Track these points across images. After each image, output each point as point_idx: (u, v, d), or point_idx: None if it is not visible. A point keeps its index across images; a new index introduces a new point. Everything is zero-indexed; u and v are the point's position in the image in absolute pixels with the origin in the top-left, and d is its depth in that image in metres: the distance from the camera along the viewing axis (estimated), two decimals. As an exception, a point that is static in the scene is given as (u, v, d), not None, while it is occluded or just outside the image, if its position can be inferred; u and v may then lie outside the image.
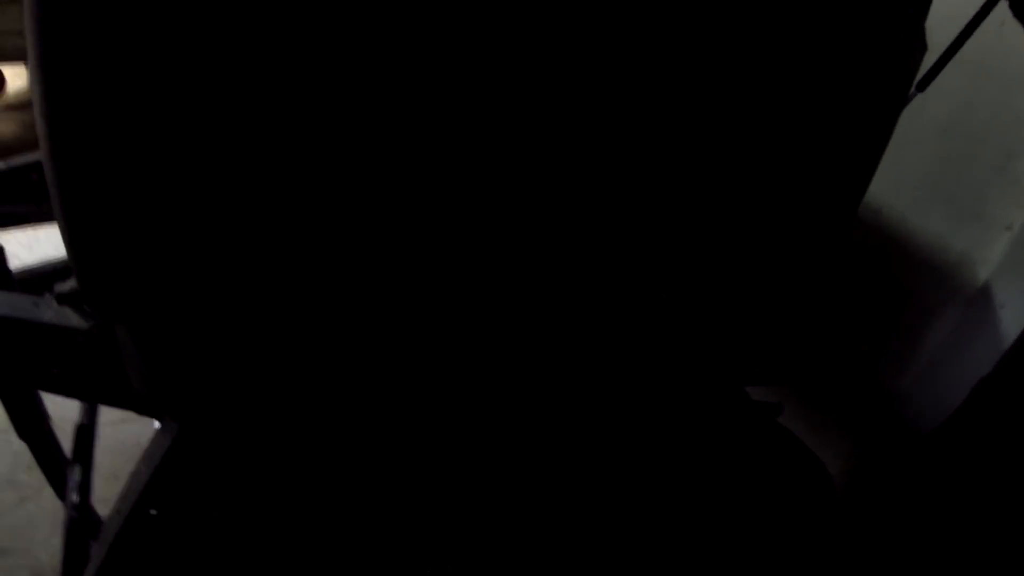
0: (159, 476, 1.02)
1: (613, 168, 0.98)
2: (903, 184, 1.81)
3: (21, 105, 4.92)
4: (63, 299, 1.15)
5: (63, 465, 1.67)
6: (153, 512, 1.02)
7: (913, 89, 1.42)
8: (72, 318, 1.16)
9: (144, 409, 1.12)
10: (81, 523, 1.40)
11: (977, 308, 1.64)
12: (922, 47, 1.32)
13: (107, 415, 2.01)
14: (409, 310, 0.99)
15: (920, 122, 1.72)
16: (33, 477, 2.06)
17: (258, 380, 0.99)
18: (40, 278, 1.52)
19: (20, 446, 1.82)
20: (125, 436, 2.00)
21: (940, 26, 1.28)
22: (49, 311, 1.17)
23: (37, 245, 2.32)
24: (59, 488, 1.68)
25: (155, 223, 0.86)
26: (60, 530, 1.89)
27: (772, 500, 1.52)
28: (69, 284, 1.12)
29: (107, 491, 1.80)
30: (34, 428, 1.58)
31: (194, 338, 0.95)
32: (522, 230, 0.97)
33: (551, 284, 1.04)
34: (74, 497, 1.42)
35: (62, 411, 1.64)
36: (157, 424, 1.88)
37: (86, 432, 1.54)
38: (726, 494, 1.46)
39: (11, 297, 1.23)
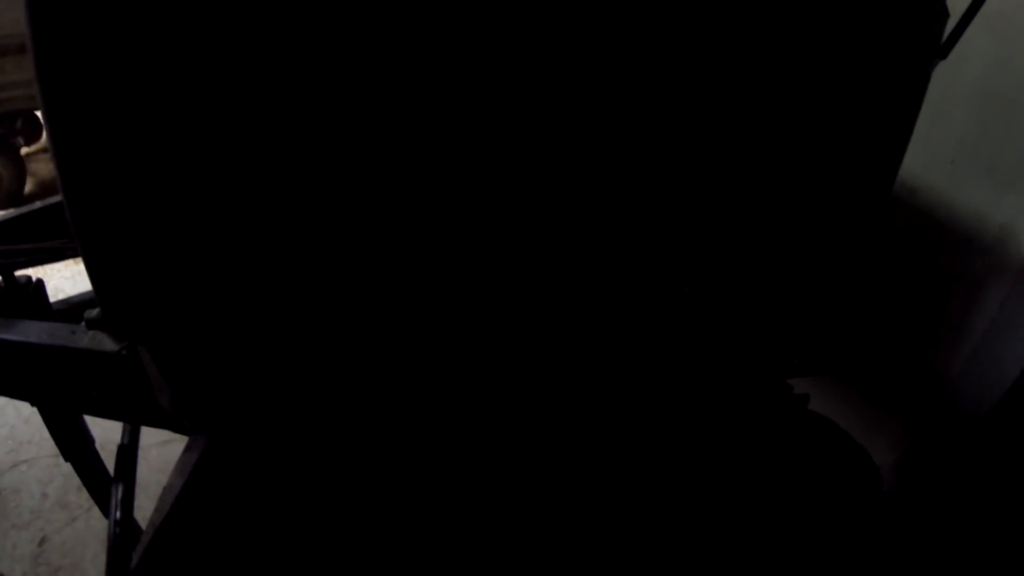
0: (190, 487, 1.04)
1: (643, 152, 0.97)
2: (938, 158, 1.74)
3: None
4: (92, 324, 1.19)
5: (107, 484, 1.72)
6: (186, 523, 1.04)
7: (936, 56, 1.37)
8: (106, 343, 1.21)
9: (174, 426, 1.15)
10: (124, 538, 1.43)
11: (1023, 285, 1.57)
12: (943, 13, 1.27)
13: (153, 436, 2.06)
14: (425, 310, 0.99)
15: (951, 91, 1.66)
16: (82, 498, 2.13)
17: (276, 390, 1.00)
18: (78, 308, 1.57)
19: (70, 468, 1.89)
20: (172, 455, 2.04)
21: None
22: (85, 337, 1.22)
23: (81, 278, 2.38)
24: (105, 507, 1.73)
25: (167, 246, 0.88)
26: (108, 546, 1.95)
27: (816, 493, 1.47)
28: (98, 310, 1.16)
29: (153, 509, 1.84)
30: (79, 450, 1.64)
31: (213, 354, 0.97)
32: (546, 223, 0.97)
33: (574, 279, 1.04)
34: (117, 514, 1.45)
35: (109, 434, 1.69)
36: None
37: (127, 452, 1.58)
38: (770, 487, 1.42)
39: (49, 326, 1.29)
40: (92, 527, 2.09)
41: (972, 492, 1.60)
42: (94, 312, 1.22)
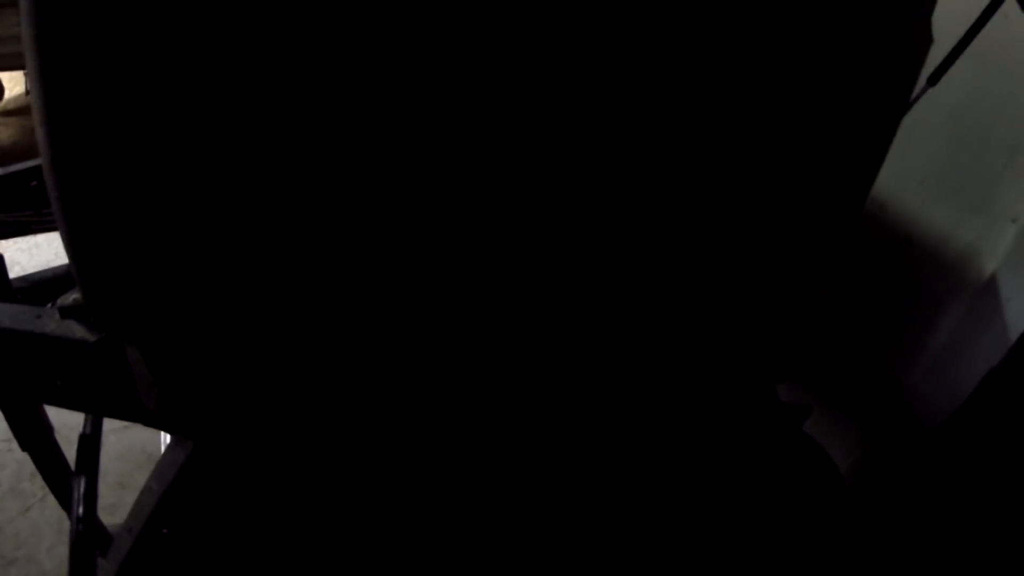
0: (171, 494, 1.01)
1: (618, 165, 0.97)
2: (909, 176, 1.80)
3: (18, 111, 4.87)
4: (67, 312, 1.13)
5: (67, 475, 1.66)
6: (165, 531, 1.01)
7: (924, 83, 1.41)
8: (76, 330, 1.15)
9: (152, 422, 1.11)
10: (87, 535, 1.38)
11: (984, 301, 1.64)
12: (928, 39, 1.31)
13: (111, 422, 1.99)
14: (420, 315, 0.98)
15: (927, 113, 1.70)
16: (36, 485, 2.06)
17: (271, 393, 0.98)
18: (40, 286, 1.49)
19: (23, 455, 1.81)
20: (130, 443, 1.99)
21: (946, 17, 1.27)
22: (51, 323, 1.16)
23: (37, 250, 2.30)
24: (63, 498, 1.67)
25: (160, 234, 0.84)
26: (64, 538, 1.88)
27: (780, 495, 1.52)
28: (72, 297, 1.10)
29: (113, 498, 1.80)
30: (37, 439, 1.57)
31: (207, 354, 0.94)
32: (525, 230, 0.96)
33: (559, 285, 1.03)
34: (79, 510, 1.40)
35: (64, 418, 1.62)
36: (165, 434, 1.87)
37: (90, 442, 1.52)
38: (733, 489, 1.46)
39: (13, 309, 1.22)
40: (47, 517, 2.02)
41: (925, 497, 1.68)
42: (69, 299, 1.16)
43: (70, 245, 0.88)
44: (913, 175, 1.80)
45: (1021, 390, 1.53)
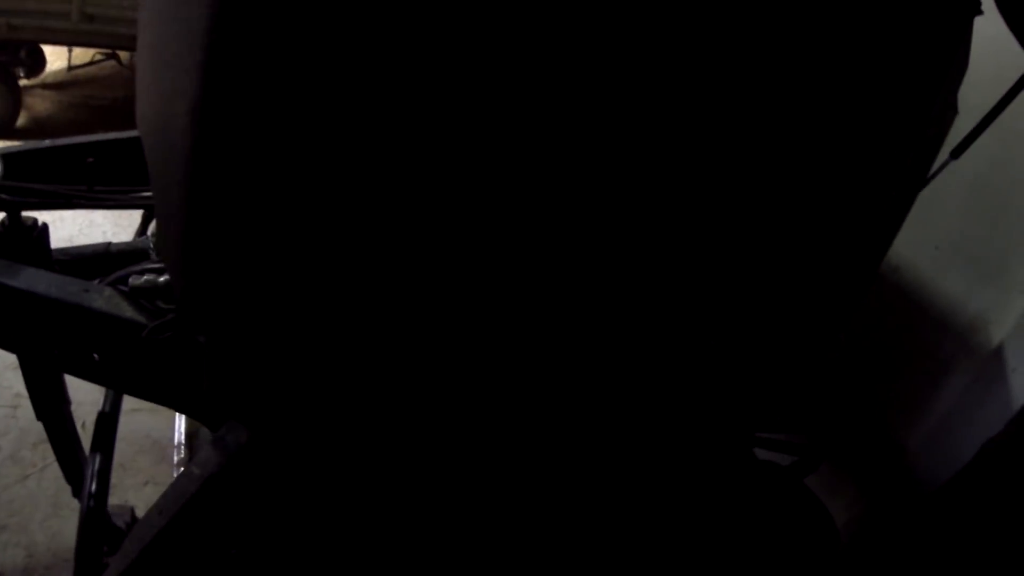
0: (217, 479, 1.02)
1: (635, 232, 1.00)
2: (925, 241, 1.84)
3: (57, 85, 4.97)
4: (136, 292, 1.17)
5: (76, 450, 1.68)
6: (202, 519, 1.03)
7: (948, 156, 1.46)
8: (125, 309, 1.18)
9: (191, 408, 1.14)
10: (97, 512, 1.40)
11: (989, 369, 1.67)
12: (953, 111, 1.36)
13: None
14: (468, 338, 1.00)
15: (946, 182, 1.75)
16: (38, 455, 2.07)
17: (319, 393, 1.00)
18: (79, 261, 1.50)
19: (26, 422, 1.82)
20: (136, 426, 2.01)
21: (972, 89, 1.31)
22: (99, 299, 1.19)
23: (61, 223, 2.30)
24: (70, 473, 1.68)
25: (267, 237, 0.87)
26: (60, 511, 1.89)
27: (777, 544, 1.53)
28: (145, 278, 1.13)
29: (113, 479, 1.80)
30: (53, 410, 1.59)
31: (274, 348, 0.96)
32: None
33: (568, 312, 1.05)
34: (92, 486, 1.42)
35: (77, 396, 1.64)
36: (180, 419, 1.88)
37: (108, 421, 1.54)
38: (730, 536, 1.48)
39: (60, 279, 1.24)
40: (44, 488, 2.03)
41: (918, 559, 1.70)
42: (141, 280, 1.19)
43: (183, 233, 0.91)
44: (929, 241, 1.84)
45: (1020, 461, 1.56)
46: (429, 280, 0.92)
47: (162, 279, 1.17)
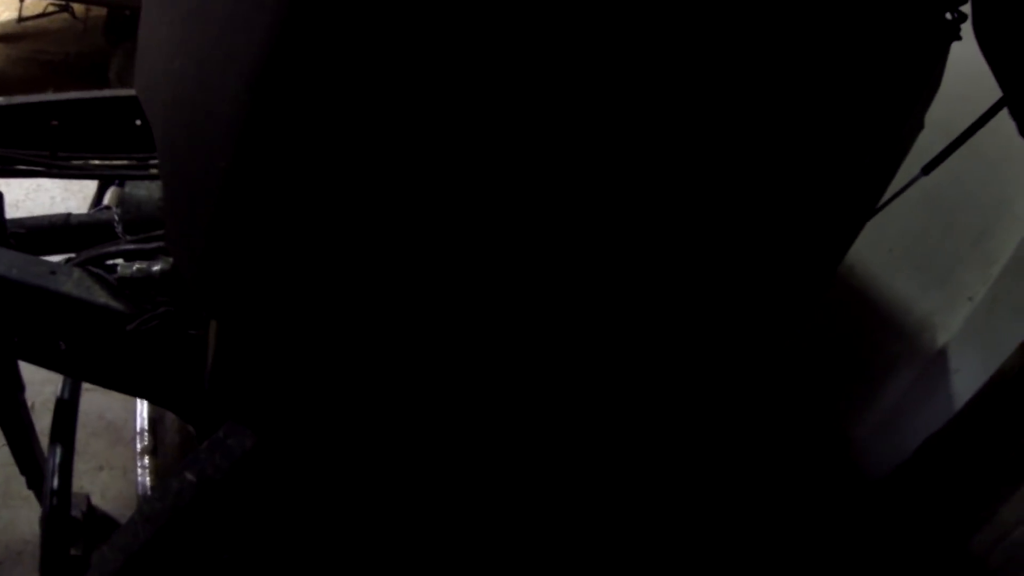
0: (217, 486, 0.99)
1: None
2: (880, 245, 1.93)
3: (4, 38, 4.59)
4: (125, 282, 1.10)
5: (31, 439, 1.60)
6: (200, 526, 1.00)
7: (919, 172, 1.52)
8: (99, 295, 1.10)
9: (187, 411, 1.10)
10: (61, 509, 1.34)
11: (934, 369, 1.78)
12: (920, 126, 1.41)
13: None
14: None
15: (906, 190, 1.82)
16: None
17: (328, 399, 0.98)
18: (37, 234, 1.40)
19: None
20: (89, 407, 1.91)
21: (939, 104, 1.36)
22: (68, 282, 1.11)
23: (36, 194, 2.16)
24: (23, 463, 1.61)
25: (291, 232, 0.83)
26: (9, 501, 1.80)
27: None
28: (136, 267, 1.07)
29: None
30: (6, 398, 1.50)
31: (306, 351, 0.93)
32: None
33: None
34: (54, 481, 1.35)
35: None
36: (142, 404, 1.81)
37: (67, 409, 1.46)
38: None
39: (22, 259, 1.15)
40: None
41: (863, 547, 1.81)
42: (131, 268, 1.11)
43: (215, 217, 0.85)
44: (884, 244, 1.93)
45: (959, 457, 1.67)
46: (448, 276, 0.90)
47: (156, 268, 1.11)
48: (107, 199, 1.59)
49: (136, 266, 1.08)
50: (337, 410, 0.99)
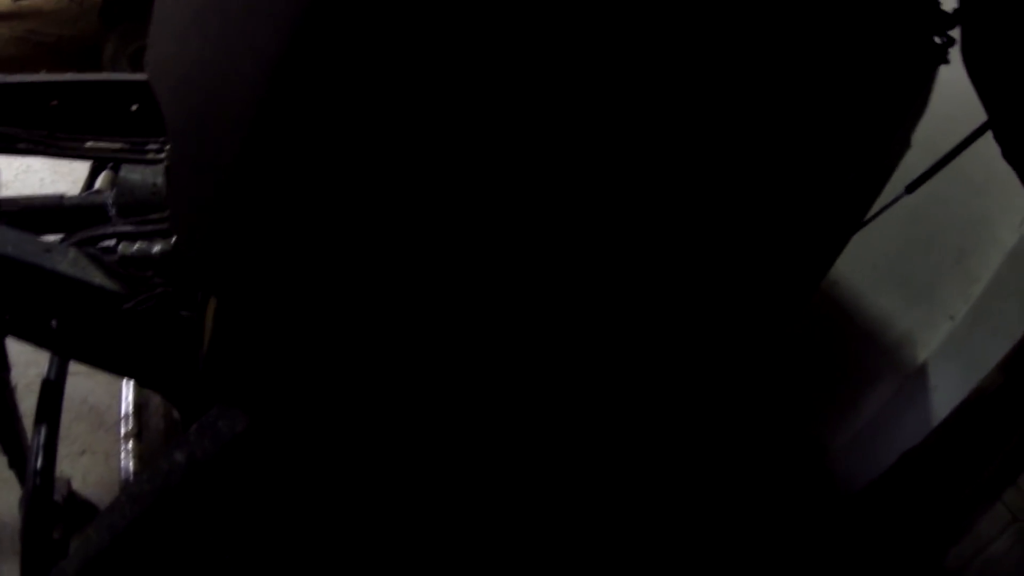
0: (208, 467, 0.99)
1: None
2: (863, 261, 1.96)
3: (3, 16, 4.55)
4: (125, 262, 1.11)
5: (14, 419, 1.60)
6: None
7: (903, 190, 1.55)
8: (94, 275, 1.11)
9: (176, 392, 1.09)
10: (44, 490, 1.34)
11: (912, 385, 1.81)
12: (906, 146, 1.45)
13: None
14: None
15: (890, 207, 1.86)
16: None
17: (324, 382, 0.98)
18: (29, 213, 1.40)
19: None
20: (72, 390, 1.89)
21: (925, 124, 1.40)
22: (64, 261, 1.11)
23: (26, 175, 2.14)
24: (8, 445, 1.60)
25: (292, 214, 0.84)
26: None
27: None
28: (136, 246, 1.08)
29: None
30: (-8, 377, 1.51)
31: (280, 328, 0.93)
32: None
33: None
34: (38, 462, 1.35)
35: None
36: (127, 388, 1.81)
37: (53, 389, 1.46)
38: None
39: (17, 236, 1.15)
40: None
41: (837, 557, 1.84)
42: (132, 248, 1.12)
43: (223, 196, 0.85)
44: (867, 260, 1.96)
45: (937, 470, 1.71)
46: (451, 268, 0.91)
47: (156, 249, 1.12)
48: (99, 183, 1.60)
49: (137, 246, 1.09)
50: (333, 393, 0.99)
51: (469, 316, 0.96)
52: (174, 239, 1.10)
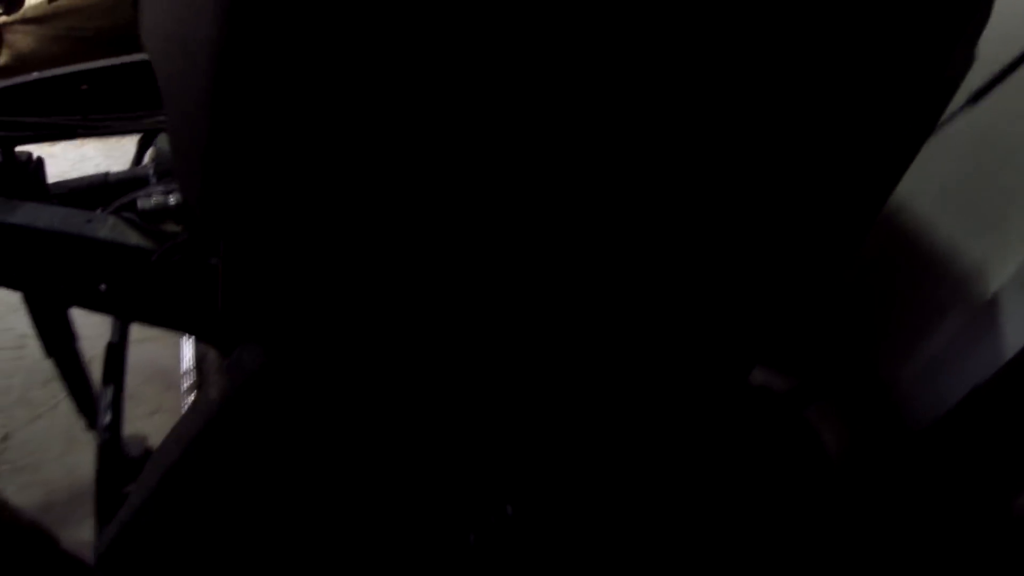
0: (236, 402, 1.03)
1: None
2: (929, 185, 1.85)
3: (37, 19, 4.76)
4: (145, 216, 1.16)
5: (87, 384, 1.71)
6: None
7: (965, 102, 1.45)
8: (131, 236, 1.17)
9: (207, 333, 1.13)
10: (112, 444, 1.44)
11: (983, 317, 1.71)
12: (971, 59, 1.34)
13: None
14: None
15: (958, 125, 1.74)
16: (47, 394, 2.09)
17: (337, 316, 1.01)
18: (77, 193, 1.49)
19: (33, 362, 1.84)
20: (142, 356, 2.02)
21: (988, 39, 1.29)
22: (104, 228, 1.18)
23: (52, 160, 2.31)
24: (84, 407, 1.72)
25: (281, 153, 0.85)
26: (74, 447, 1.94)
27: (768, 470, 1.60)
28: (154, 200, 1.13)
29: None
30: (62, 346, 1.62)
31: (291, 265, 0.96)
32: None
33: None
34: (106, 418, 1.46)
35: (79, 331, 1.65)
36: (187, 345, 1.91)
37: (117, 351, 1.57)
38: (721, 461, 1.53)
39: (61, 211, 1.23)
40: (57, 425, 2.06)
41: (903, 497, 1.78)
42: (151, 202, 1.18)
43: (205, 141, 0.88)
44: (933, 184, 1.84)
45: (1005, 409, 1.62)
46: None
47: (172, 200, 1.17)
48: (147, 158, 1.67)
49: (154, 199, 1.14)
50: (340, 319, 1.01)
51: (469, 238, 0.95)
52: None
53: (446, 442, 1.18)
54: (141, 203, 1.16)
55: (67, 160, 2.98)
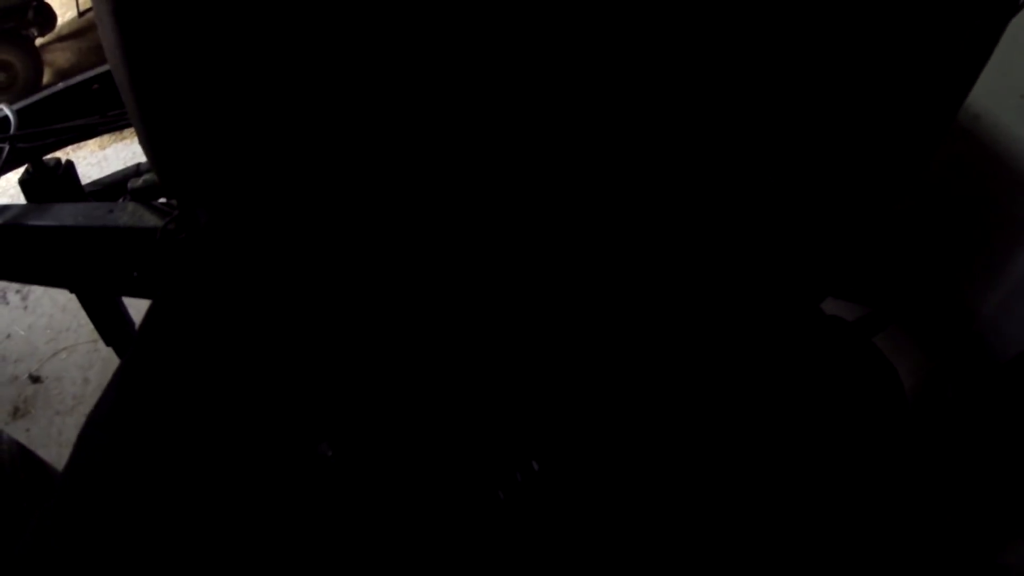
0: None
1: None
2: (1008, 90, 1.66)
3: (72, 34, 4.89)
4: (137, 193, 1.19)
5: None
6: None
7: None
8: (147, 218, 1.20)
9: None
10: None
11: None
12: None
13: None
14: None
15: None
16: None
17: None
18: (111, 188, 1.55)
19: (108, 353, 1.90)
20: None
21: None
22: (124, 215, 1.22)
23: (107, 163, 2.39)
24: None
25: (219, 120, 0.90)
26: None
27: (842, 401, 1.51)
28: (143, 179, 1.15)
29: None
30: (119, 334, 1.66)
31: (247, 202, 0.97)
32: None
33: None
34: None
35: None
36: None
37: None
38: (793, 392, 1.45)
39: (85, 206, 1.27)
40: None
41: (985, 429, 1.67)
42: (139, 182, 1.21)
43: (144, 124, 0.93)
44: (1013, 89, 1.66)
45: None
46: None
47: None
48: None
49: (143, 178, 1.14)
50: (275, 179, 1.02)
51: None
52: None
53: (469, 396, 1.16)
54: (131, 184, 1.18)
55: (87, 164, 3.07)
